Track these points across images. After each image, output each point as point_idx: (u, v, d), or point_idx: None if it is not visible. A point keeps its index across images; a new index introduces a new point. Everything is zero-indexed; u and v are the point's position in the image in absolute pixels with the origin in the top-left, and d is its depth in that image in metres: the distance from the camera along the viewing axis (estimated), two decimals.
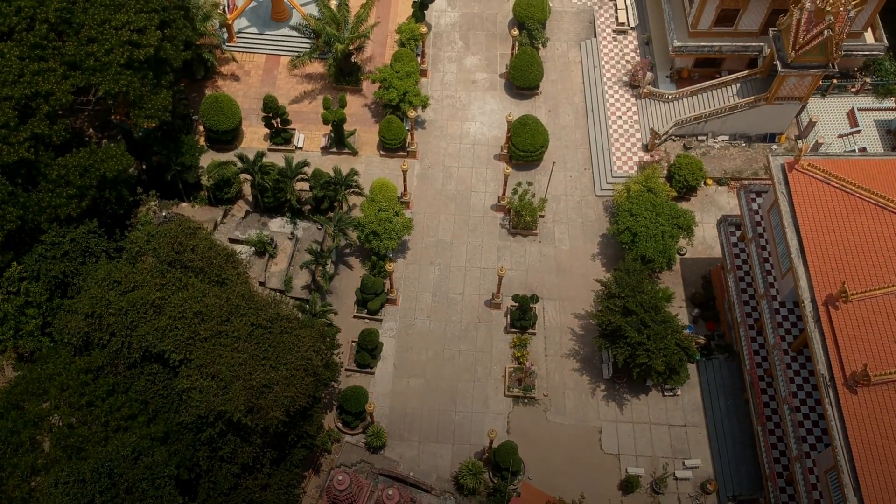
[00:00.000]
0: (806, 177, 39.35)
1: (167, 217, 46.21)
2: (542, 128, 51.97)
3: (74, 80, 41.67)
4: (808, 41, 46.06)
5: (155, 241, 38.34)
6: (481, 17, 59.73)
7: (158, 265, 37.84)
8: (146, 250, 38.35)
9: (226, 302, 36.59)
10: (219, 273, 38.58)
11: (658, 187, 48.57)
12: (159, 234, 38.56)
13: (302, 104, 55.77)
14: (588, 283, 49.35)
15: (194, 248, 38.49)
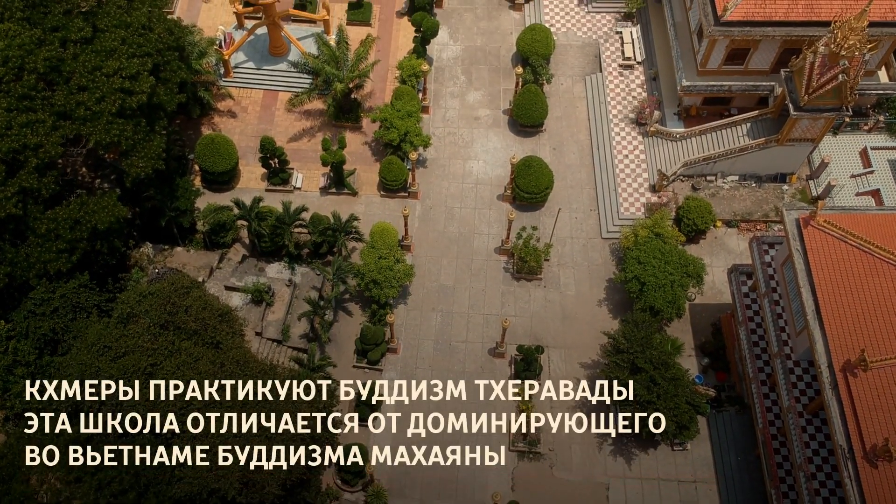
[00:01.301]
0: (822, 233, 37.96)
1: (160, 273, 44.84)
2: (546, 169, 50.58)
3: (64, 130, 40.28)
4: (822, 85, 44.67)
5: (147, 302, 36.92)
6: (484, 51, 58.33)
7: (150, 328, 36.40)
8: (138, 311, 36.94)
9: (220, 368, 35.19)
10: (213, 335, 37.15)
11: (666, 232, 47.21)
12: (151, 294, 37.11)
13: (300, 142, 54.41)
14: (595, 330, 47.98)
15: (188, 308, 37.05)
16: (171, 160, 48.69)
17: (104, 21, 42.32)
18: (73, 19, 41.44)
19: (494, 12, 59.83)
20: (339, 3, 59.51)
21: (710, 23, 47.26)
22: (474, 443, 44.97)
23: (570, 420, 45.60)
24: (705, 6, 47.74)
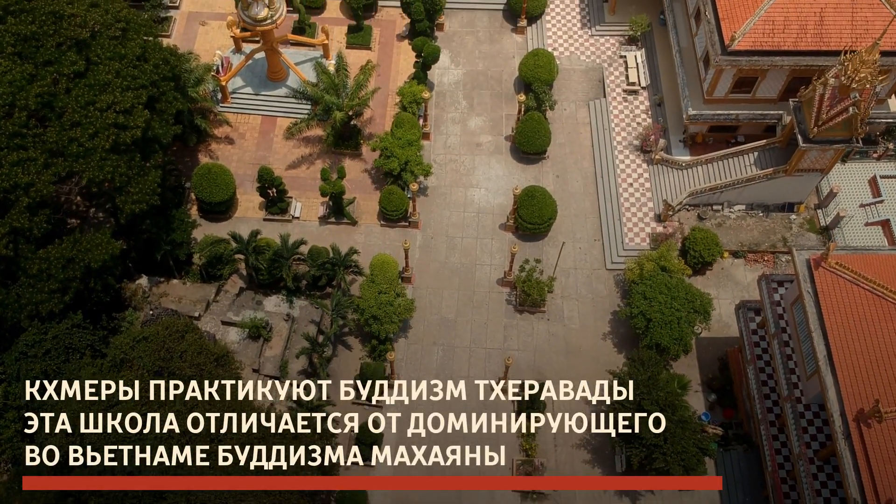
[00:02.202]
0: (833, 276, 36.99)
1: (154, 314, 43.86)
2: (550, 199, 49.59)
3: (56, 168, 39.31)
4: (832, 117, 43.69)
5: (140, 347, 35.97)
6: (486, 75, 57.32)
7: (144, 374, 35.45)
8: (131, 357, 35.98)
9: (215, 419, 34.21)
10: (210, 380, 36.18)
11: (672, 266, 46.26)
12: (145, 339, 36.14)
13: (299, 169, 53.41)
14: (599, 365, 46.99)
15: (182, 354, 36.09)
16: (166, 191, 47.71)
17: (97, 53, 41.33)
18: (65, 52, 40.43)
19: (496, 35, 58.83)
20: (338, 27, 58.52)
21: (717, 52, 46.27)
22: (477, 473, 44.05)
23: (575, 459, 44.69)
24: (712, 34, 46.75)
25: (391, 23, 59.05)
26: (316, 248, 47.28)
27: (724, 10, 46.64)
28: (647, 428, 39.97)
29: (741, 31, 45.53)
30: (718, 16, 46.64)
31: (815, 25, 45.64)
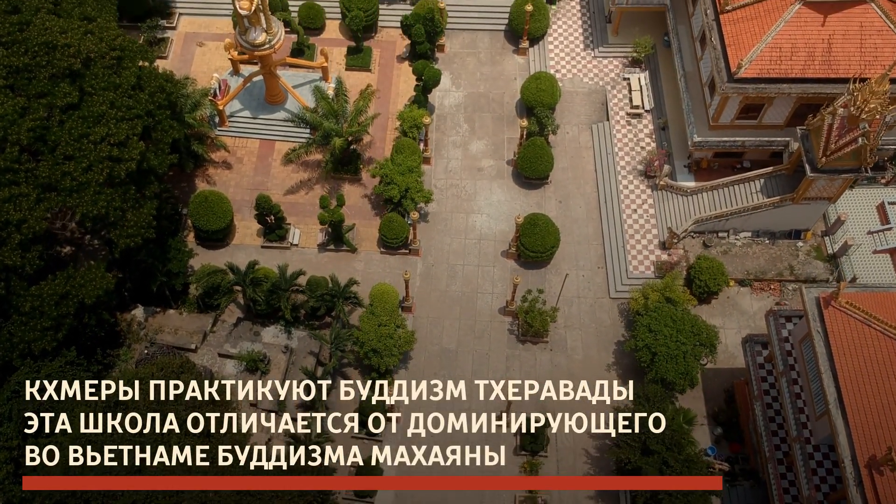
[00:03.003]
0: (844, 315, 36.14)
1: (149, 353, 43.01)
2: (553, 227, 48.74)
3: (49, 203, 38.54)
4: (840, 147, 42.84)
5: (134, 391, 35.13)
6: (487, 98, 56.46)
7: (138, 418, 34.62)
8: (125, 401, 35.14)
9: (211, 467, 33.38)
10: (206, 424, 35.34)
11: (677, 297, 45.43)
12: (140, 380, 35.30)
13: (297, 195, 52.57)
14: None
15: (178, 396, 35.25)
16: (162, 219, 46.86)
17: (91, 83, 40.51)
18: (59, 83, 39.60)
19: (498, 57, 57.97)
20: (337, 48, 57.69)
21: (723, 79, 45.43)
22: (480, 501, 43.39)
23: (579, 497, 43.88)
24: (718, 61, 45.92)
25: (391, 44, 58.21)
26: (315, 279, 46.45)
27: (731, 36, 45.82)
28: (652, 469, 39.13)
29: (748, 58, 44.71)
30: (724, 42, 45.84)
31: (822, 52, 44.82)
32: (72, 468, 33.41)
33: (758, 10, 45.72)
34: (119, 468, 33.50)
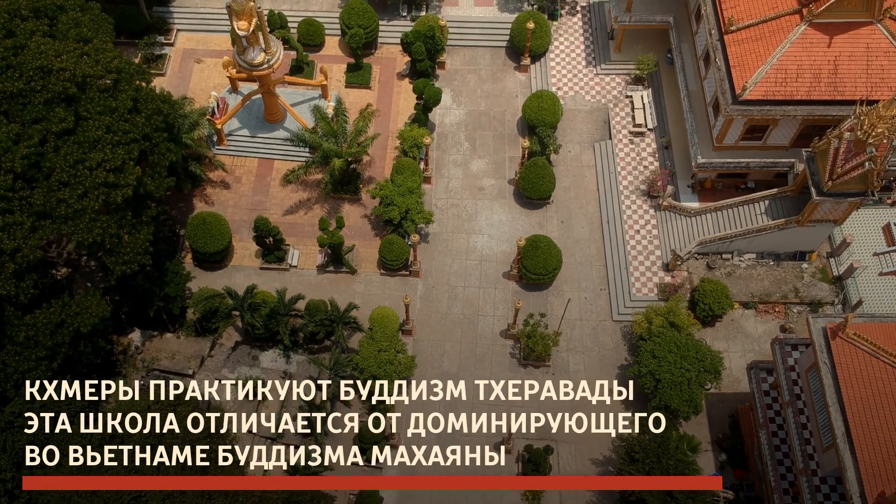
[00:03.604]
0: (851, 346, 35.53)
1: (144, 385, 42.39)
2: (555, 249, 48.14)
3: (44, 231, 37.91)
4: (847, 171, 42.24)
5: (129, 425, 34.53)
6: (488, 116, 55.84)
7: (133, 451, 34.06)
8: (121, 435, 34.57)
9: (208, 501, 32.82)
10: (202, 457, 34.78)
11: (681, 322, 44.84)
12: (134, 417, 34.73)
13: (296, 215, 51.98)
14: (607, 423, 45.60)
15: (174, 432, 34.65)
16: (159, 241, 46.38)
17: (87, 107, 39.86)
18: (54, 108, 38.98)
19: (499, 74, 57.36)
20: (337, 65, 57.09)
21: (727, 101, 44.82)
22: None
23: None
24: (722, 82, 45.30)
25: (391, 60, 57.61)
26: (314, 303, 45.85)
27: (735, 57, 45.20)
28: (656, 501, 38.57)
29: (753, 79, 44.11)
30: (729, 63, 45.21)
31: (828, 74, 44.21)
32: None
33: (762, 31, 45.10)
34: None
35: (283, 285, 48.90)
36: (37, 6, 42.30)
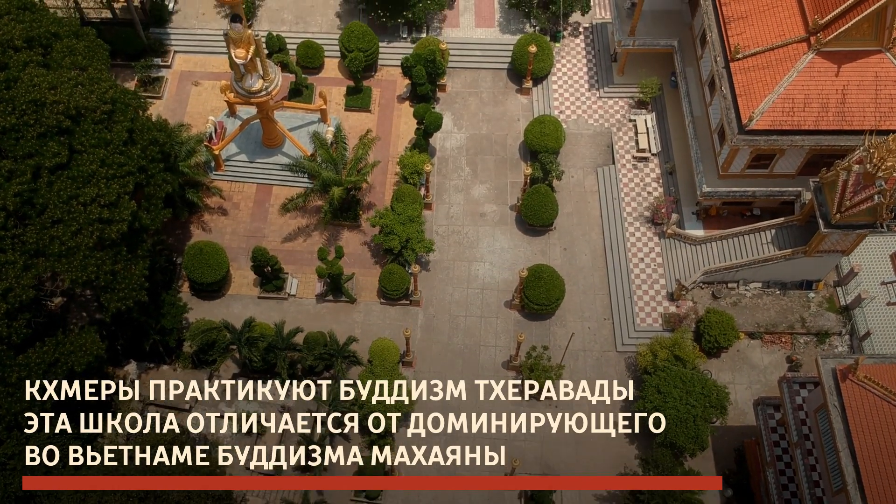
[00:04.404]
0: (862, 390, 34.76)
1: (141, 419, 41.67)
2: (558, 280, 47.36)
3: (37, 269, 37.13)
4: (856, 204, 41.48)
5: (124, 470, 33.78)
6: (490, 140, 55.05)
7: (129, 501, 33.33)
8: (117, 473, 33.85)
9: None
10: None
11: (687, 355, 44.08)
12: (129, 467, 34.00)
13: (295, 242, 51.20)
14: (610, 457, 44.87)
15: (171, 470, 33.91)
16: (156, 272, 45.60)
17: (81, 140, 39.03)
18: (47, 142, 38.18)
19: (500, 97, 56.57)
20: (336, 87, 56.31)
21: (733, 131, 44.05)
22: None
23: None
24: (728, 111, 44.53)
25: (392, 83, 56.83)
26: (312, 336, 45.08)
27: (741, 85, 44.44)
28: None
29: (759, 109, 43.32)
30: (735, 92, 44.44)
31: (836, 104, 43.45)
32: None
33: (769, 59, 44.33)
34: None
35: (281, 315, 48.27)
36: (30, 35, 41.49)
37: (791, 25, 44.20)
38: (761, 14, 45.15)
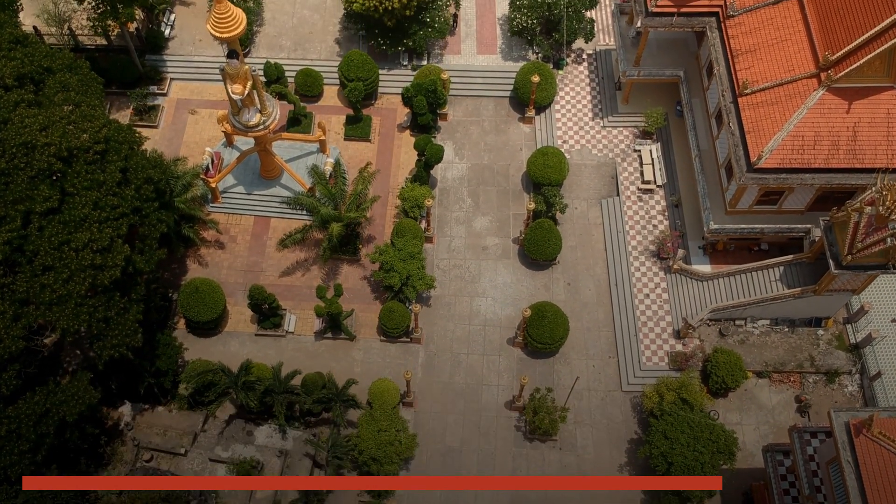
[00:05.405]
0: (877, 446, 33.74)
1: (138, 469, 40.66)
2: (562, 318, 46.33)
3: (27, 319, 36.09)
4: (868, 247, 40.44)
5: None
6: (492, 170, 53.99)
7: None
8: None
9: None
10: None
11: (694, 399, 43.05)
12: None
13: (294, 276, 50.18)
14: (616, 501, 43.82)
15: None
16: (151, 311, 44.54)
17: (74, 182, 37.91)
18: (38, 186, 37.12)
19: (503, 125, 55.52)
20: (336, 116, 55.32)
21: (741, 169, 43.02)
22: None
23: None
24: (737, 148, 43.51)
25: (392, 111, 55.78)
26: (311, 378, 44.05)
27: (750, 122, 43.40)
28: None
29: (768, 147, 42.29)
30: (744, 128, 43.40)
31: (847, 141, 42.43)
32: None
33: (778, 95, 43.30)
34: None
35: (279, 352, 47.36)
36: (22, 72, 40.51)
37: (800, 60, 43.19)
38: (770, 48, 44.13)
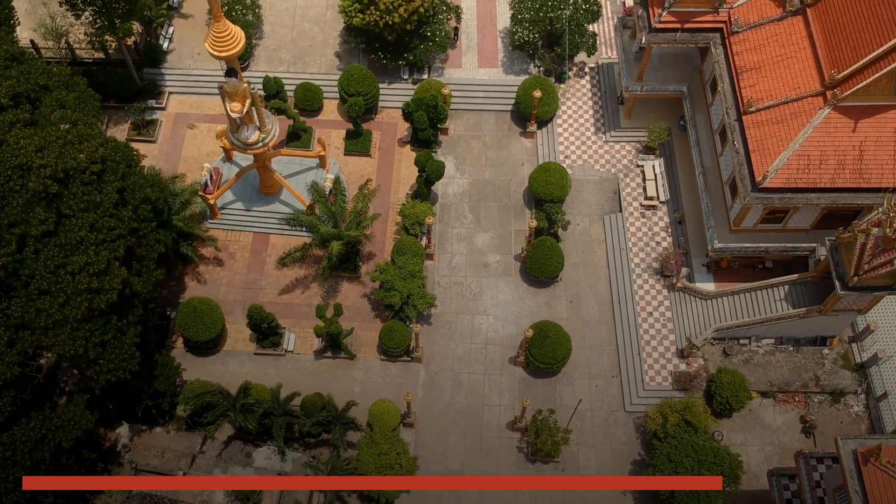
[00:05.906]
0: (885, 475, 33.22)
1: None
2: (564, 337, 45.83)
3: (23, 343, 35.63)
4: (874, 268, 39.94)
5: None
6: (493, 185, 53.46)
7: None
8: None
9: None
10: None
11: (698, 421, 42.53)
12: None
13: (293, 294, 49.67)
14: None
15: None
16: (148, 331, 44.05)
17: (70, 203, 37.40)
18: (34, 209, 36.60)
19: (504, 140, 54.99)
20: (336, 130, 54.80)
21: (746, 188, 42.51)
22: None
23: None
24: (741, 167, 43.01)
25: (392, 125, 55.27)
26: (310, 399, 43.55)
27: (755, 140, 42.90)
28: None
29: (774, 166, 41.80)
30: (748, 147, 42.91)
31: (853, 161, 41.91)
32: None
33: (783, 113, 42.79)
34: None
35: (278, 371, 46.91)
36: (17, 91, 39.99)
37: (806, 79, 42.69)
38: (775, 66, 43.63)
